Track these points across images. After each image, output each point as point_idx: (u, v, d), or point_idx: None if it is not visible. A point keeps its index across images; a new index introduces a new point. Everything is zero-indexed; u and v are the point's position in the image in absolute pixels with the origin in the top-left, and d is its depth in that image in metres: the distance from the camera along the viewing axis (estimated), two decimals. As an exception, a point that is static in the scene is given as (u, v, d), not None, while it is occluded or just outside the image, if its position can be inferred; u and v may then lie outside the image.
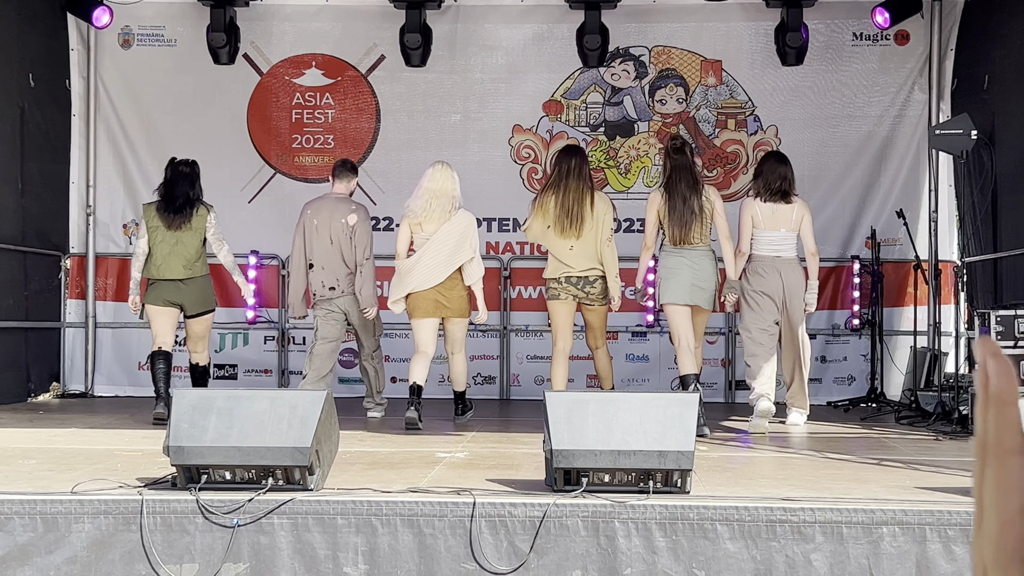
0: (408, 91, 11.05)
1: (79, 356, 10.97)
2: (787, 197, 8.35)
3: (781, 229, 8.34)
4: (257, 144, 11.03)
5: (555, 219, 8.16)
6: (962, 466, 6.17)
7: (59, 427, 8.21)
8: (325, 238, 8.67)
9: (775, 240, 8.34)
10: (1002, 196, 9.71)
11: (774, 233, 8.34)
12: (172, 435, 5.15)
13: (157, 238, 8.61)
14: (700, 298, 8.11)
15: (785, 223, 8.34)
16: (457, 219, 8.33)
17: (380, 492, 5.17)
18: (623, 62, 10.99)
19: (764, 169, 8.45)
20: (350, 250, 8.67)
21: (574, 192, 8.16)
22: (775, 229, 8.33)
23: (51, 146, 10.71)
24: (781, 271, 8.32)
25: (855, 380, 10.70)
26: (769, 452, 7.27)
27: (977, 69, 10.19)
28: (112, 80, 11.03)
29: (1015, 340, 8.04)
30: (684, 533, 4.97)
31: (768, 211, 8.32)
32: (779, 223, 8.33)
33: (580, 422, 5.21)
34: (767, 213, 8.32)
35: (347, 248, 8.68)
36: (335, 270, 8.69)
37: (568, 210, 8.13)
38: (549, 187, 8.28)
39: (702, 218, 8.08)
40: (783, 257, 8.35)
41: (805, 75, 10.75)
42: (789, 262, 8.38)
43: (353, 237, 8.66)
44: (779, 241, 8.34)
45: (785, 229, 8.34)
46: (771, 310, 8.35)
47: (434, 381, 10.75)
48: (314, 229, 8.71)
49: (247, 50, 10.95)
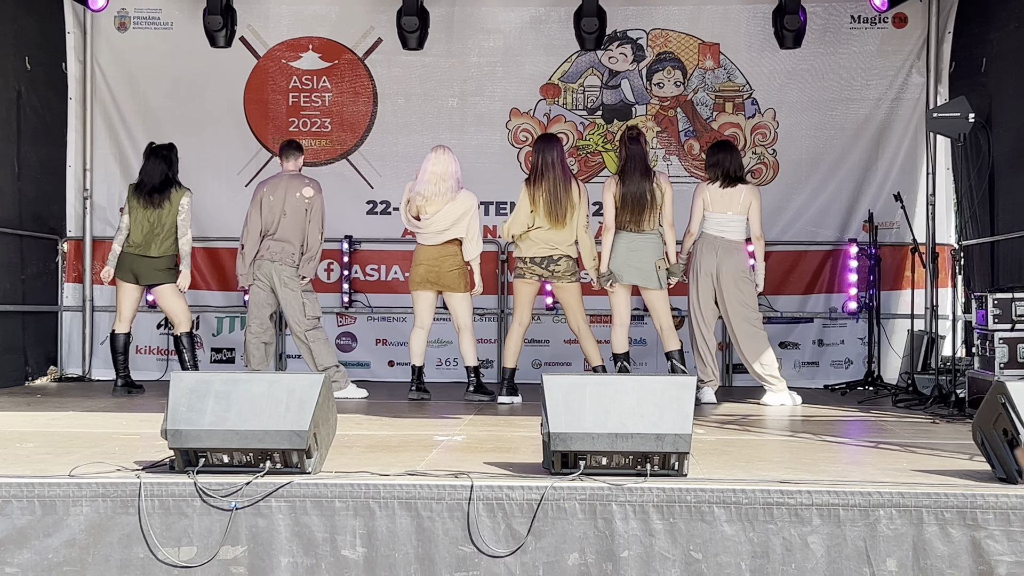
0: (405, 74, 11.03)
1: (76, 340, 10.97)
2: (736, 183, 8.86)
3: (728, 212, 8.86)
4: (254, 127, 11.01)
5: (545, 212, 8.72)
6: (959, 449, 6.18)
7: (57, 410, 8.21)
8: (278, 212, 9.09)
9: (722, 222, 8.89)
10: (999, 179, 9.71)
11: (721, 215, 8.87)
12: (170, 418, 5.16)
13: (136, 217, 9.28)
14: (636, 278, 8.78)
15: (734, 206, 8.84)
16: (460, 200, 8.91)
17: (378, 475, 5.18)
18: (621, 45, 10.97)
19: (720, 158, 8.92)
20: (304, 223, 9.09)
21: (562, 183, 8.73)
22: (723, 212, 8.86)
23: (48, 129, 10.69)
24: (718, 250, 8.85)
25: (852, 363, 10.71)
26: (767, 435, 7.28)
27: (974, 52, 10.18)
28: (108, 63, 11.01)
29: (1012, 323, 8.06)
30: (681, 516, 4.97)
31: (718, 195, 8.86)
32: (728, 206, 8.84)
33: (578, 405, 5.21)
34: (717, 197, 8.87)
35: (302, 221, 9.09)
36: (286, 241, 9.09)
37: (559, 200, 8.71)
38: (538, 180, 8.76)
39: (653, 206, 8.73)
40: (725, 238, 8.87)
41: (803, 58, 10.73)
42: (729, 243, 8.87)
43: (309, 211, 9.09)
44: (726, 223, 8.88)
45: (732, 212, 8.85)
46: (708, 289, 8.91)
47: (432, 364, 10.79)
48: (270, 205, 9.11)
49: (244, 33, 10.92)
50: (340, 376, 9.14)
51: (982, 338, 8.35)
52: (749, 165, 10.66)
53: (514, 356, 9.01)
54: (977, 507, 4.92)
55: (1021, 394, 5.13)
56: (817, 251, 10.82)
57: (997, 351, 8.03)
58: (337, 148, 11.06)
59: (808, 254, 10.69)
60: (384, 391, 9.55)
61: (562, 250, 8.80)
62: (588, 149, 10.97)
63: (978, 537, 4.90)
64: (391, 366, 10.91)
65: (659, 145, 10.90)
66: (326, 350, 9.23)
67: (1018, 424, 5.06)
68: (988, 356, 8.19)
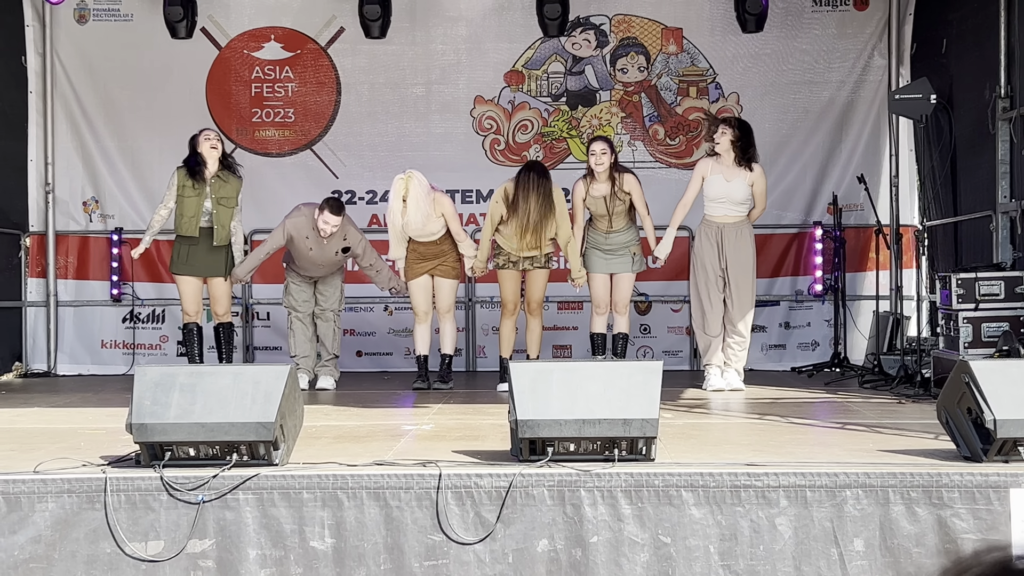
0: (369, 63, 10.98)
1: (41, 335, 10.88)
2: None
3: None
4: (217, 119, 10.93)
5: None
6: (924, 428, 6.22)
7: (22, 407, 8.15)
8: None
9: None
10: (961, 159, 9.77)
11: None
12: (135, 412, 5.13)
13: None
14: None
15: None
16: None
17: (346, 466, 5.17)
18: (584, 31, 10.96)
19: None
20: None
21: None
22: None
23: (8, 124, 10.60)
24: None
25: (819, 345, 10.76)
26: (734, 418, 7.31)
27: (935, 33, 10.23)
28: (68, 56, 10.90)
29: (975, 303, 8.11)
30: (649, 500, 4.99)
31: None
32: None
33: (545, 392, 5.22)
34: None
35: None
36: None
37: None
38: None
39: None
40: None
41: (765, 42, 10.75)
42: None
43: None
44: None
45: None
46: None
47: (400, 354, 10.77)
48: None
49: (205, 24, 10.84)
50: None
51: (946, 318, 8.41)
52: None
53: (509, 345, 9.03)
54: (943, 486, 4.95)
55: (985, 373, 5.17)
56: (783, 234, 10.86)
57: (961, 331, 8.08)
58: (301, 138, 11.01)
59: (774, 237, 10.72)
60: (352, 381, 9.53)
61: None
62: (553, 136, 10.96)
63: (944, 515, 4.94)
64: (359, 356, 10.88)
65: (624, 131, 10.90)
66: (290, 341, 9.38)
67: (982, 403, 5.10)
68: (952, 336, 8.24)
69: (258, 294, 10.85)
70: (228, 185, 9.14)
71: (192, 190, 9.03)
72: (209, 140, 9.12)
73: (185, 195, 9.03)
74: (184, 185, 9.04)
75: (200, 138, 9.15)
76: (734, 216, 8.76)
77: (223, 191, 9.09)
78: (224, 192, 9.10)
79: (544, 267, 8.92)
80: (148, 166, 10.86)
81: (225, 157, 9.24)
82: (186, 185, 9.04)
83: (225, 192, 9.10)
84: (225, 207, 9.08)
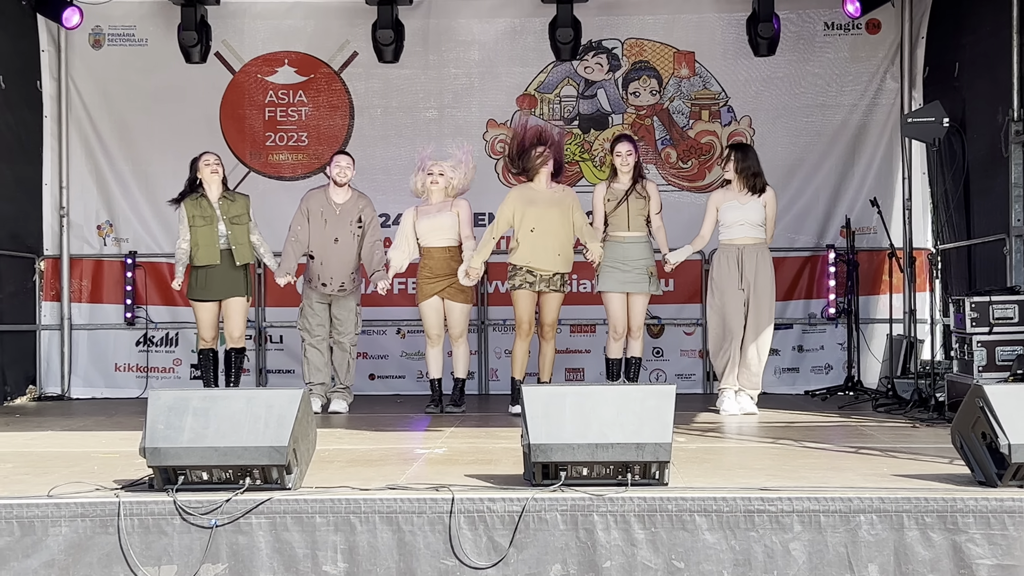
0: (382, 87, 11.02)
1: (55, 358, 10.90)
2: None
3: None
4: (230, 143, 10.98)
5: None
6: (939, 453, 6.20)
7: (36, 430, 8.17)
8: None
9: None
10: (974, 182, 9.76)
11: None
12: (148, 436, 5.14)
13: None
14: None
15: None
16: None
17: (358, 490, 5.16)
18: (596, 55, 10.99)
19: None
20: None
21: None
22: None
23: (23, 148, 10.64)
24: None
25: (832, 369, 10.73)
26: (747, 442, 7.29)
27: (948, 57, 10.23)
28: (83, 80, 10.97)
29: (989, 326, 8.09)
30: (663, 525, 4.98)
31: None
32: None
33: (558, 416, 5.22)
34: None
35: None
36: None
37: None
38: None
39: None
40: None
41: (778, 65, 10.77)
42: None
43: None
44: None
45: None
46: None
47: (412, 376, 10.78)
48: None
49: (219, 48, 10.90)
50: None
51: (960, 341, 8.38)
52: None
53: (522, 367, 8.94)
54: (957, 511, 4.93)
55: (999, 397, 5.15)
56: (796, 257, 10.84)
57: (975, 354, 8.05)
58: (314, 162, 11.04)
59: (787, 260, 10.70)
60: (364, 404, 9.53)
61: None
62: (565, 159, 10.96)
63: (959, 541, 4.91)
64: (372, 379, 10.89)
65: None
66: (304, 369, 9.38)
67: (996, 428, 5.08)
68: (966, 359, 8.21)
69: (271, 317, 10.88)
70: (236, 203, 9.13)
71: (202, 219, 9.00)
72: (209, 166, 9.08)
73: (197, 225, 9.00)
74: (193, 215, 9.02)
75: (200, 163, 9.11)
76: (754, 238, 8.67)
77: (233, 210, 9.08)
78: (234, 211, 9.08)
79: (559, 291, 8.83)
80: (162, 190, 10.86)
81: (225, 180, 9.22)
82: (195, 215, 9.02)
83: (235, 211, 9.08)
84: (239, 225, 9.06)
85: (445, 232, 8.97)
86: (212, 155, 9.21)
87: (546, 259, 8.72)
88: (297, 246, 9.14)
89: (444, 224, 8.96)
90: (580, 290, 10.36)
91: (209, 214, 9.02)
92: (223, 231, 9.03)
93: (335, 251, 9.08)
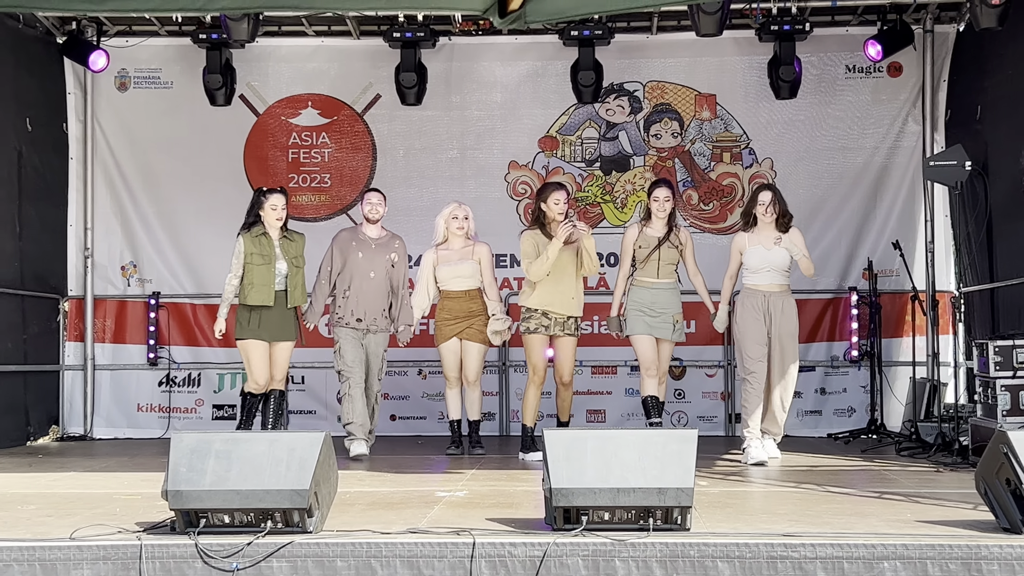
0: (404, 129, 11.09)
1: (78, 399, 10.96)
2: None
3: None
4: (254, 184, 11.01)
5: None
6: (963, 498, 6.16)
7: (58, 471, 8.19)
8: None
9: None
10: (997, 225, 9.73)
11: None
12: (170, 479, 5.15)
13: None
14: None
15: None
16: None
17: (379, 533, 5.16)
18: (617, 97, 11.04)
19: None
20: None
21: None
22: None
23: (49, 189, 10.74)
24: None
25: (855, 412, 10.69)
26: (770, 487, 7.25)
27: (970, 99, 10.23)
28: (109, 122, 11.08)
29: (1013, 370, 8.05)
30: (685, 571, 4.95)
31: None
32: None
33: (579, 460, 5.20)
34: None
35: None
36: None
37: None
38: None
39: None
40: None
41: (799, 108, 10.79)
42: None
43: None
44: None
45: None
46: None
47: (433, 417, 10.78)
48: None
49: (243, 91, 11.00)
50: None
51: (984, 385, 8.34)
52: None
53: (534, 413, 8.77)
54: (982, 558, 4.89)
55: (1023, 443, 5.12)
56: (818, 299, 10.82)
57: (999, 398, 8.01)
58: (337, 203, 11.10)
59: (809, 302, 10.68)
60: (386, 445, 9.52)
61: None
62: (587, 201, 11.01)
63: (983, 588, 4.87)
64: (392, 420, 10.89)
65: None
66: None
67: (1021, 474, 5.05)
68: (990, 403, 8.17)
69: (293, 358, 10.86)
70: (295, 244, 8.84)
71: (261, 258, 8.63)
72: (275, 210, 8.72)
73: (254, 263, 8.63)
74: (252, 253, 8.65)
75: (267, 205, 8.74)
76: (779, 284, 8.48)
77: (292, 250, 8.79)
78: (294, 251, 8.79)
79: (574, 335, 8.69)
80: (186, 231, 10.98)
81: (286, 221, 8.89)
82: (254, 252, 8.65)
83: (295, 251, 8.80)
84: (297, 267, 8.76)
85: (466, 280, 8.98)
86: (280, 197, 8.80)
87: (563, 303, 8.64)
88: (327, 288, 8.95)
89: (465, 272, 8.97)
90: (601, 331, 10.34)
91: (268, 252, 8.66)
92: (282, 270, 8.69)
93: (371, 285, 8.86)
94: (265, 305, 8.62)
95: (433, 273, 9.03)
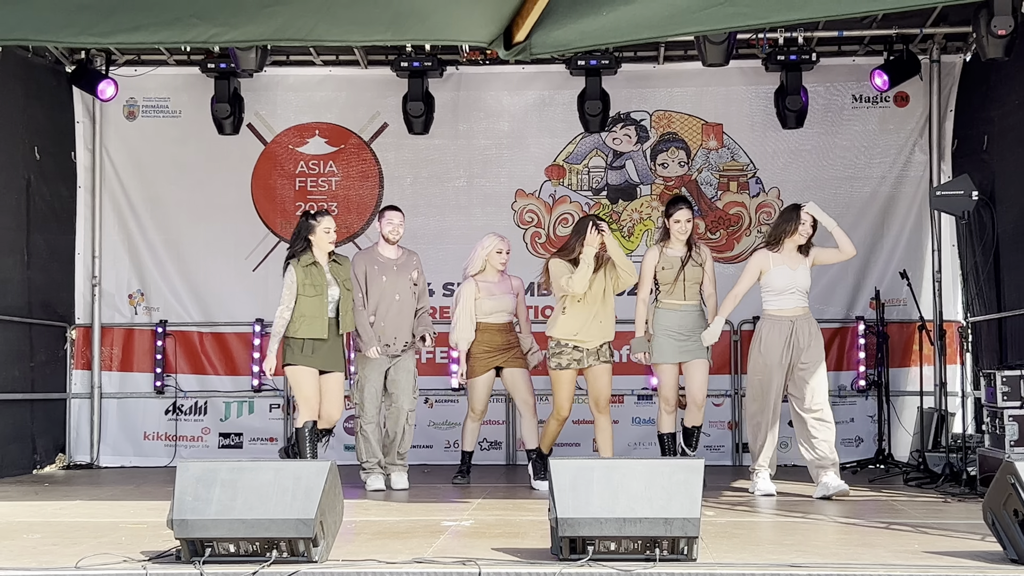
0: (412, 157, 11.12)
1: (85, 427, 10.95)
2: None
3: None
4: (261, 212, 11.08)
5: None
6: (970, 529, 6.13)
7: (64, 499, 8.19)
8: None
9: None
10: (1004, 255, 9.72)
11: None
12: (176, 508, 5.14)
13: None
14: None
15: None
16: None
17: (385, 563, 5.15)
18: (624, 126, 11.06)
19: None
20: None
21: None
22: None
23: (57, 218, 10.77)
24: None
25: (863, 441, 10.66)
26: (777, 517, 7.23)
27: (977, 129, 10.24)
28: (117, 151, 11.12)
29: (1021, 400, 8.02)
30: (691, 601, 4.93)
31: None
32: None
33: (585, 489, 5.19)
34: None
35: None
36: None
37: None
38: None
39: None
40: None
41: (806, 137, 10.81)
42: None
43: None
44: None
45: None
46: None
47: (440, 446, 10.76)
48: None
49: (251, 120, 11.05)
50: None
51: (992, 415, 8.31)
52: (755, 244, 10.67)
53: (552, 442, 8.62)
54: (990, 589, 4.87)
55: (1031, 474, 5.10)
56: (825, 329, 10.69)
57: (1007, 428, 7.98)
58: (344, 231, 11.08)
59: (816, 332, 10.66)
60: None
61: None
62: (594, 230, 10.99)
63: (992, 620, 4.85)
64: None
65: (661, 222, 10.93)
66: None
67: (1029, 504, 5.02)
68: (998, 433, 8.14)
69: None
70: (343, 267, 8.50)
71: (313, 288, 8.26)
72: (329, 234, 8.34)
73: (307, 294, 8.25)
74: (304, 284, 8.26)
75: (319, 228, 8.34)
76: (804, 307, 8.20)
77: (343, 273, 8.45)
78: (344, 274, 8.45)
79: (609, 361, 8.32)
80: (193, 259, 11.01)
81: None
82: (306, 284, 8.26)
83: (344, 274, 8.46)
84: (348, 289, 8.43)
85: (507, 314, 8.93)
86: (331, 219, 8.46)
87: (593, 330, 8.27)
88: (365, 313, 8.60)
89: (507, 306, 8.91)
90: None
91: (319, 282, 8.28)
92: (334, 296, 8.33)
93: (397, 307, 8.64)
94: (317, 338, 8.25)
95: (475, 305, 8.86)
